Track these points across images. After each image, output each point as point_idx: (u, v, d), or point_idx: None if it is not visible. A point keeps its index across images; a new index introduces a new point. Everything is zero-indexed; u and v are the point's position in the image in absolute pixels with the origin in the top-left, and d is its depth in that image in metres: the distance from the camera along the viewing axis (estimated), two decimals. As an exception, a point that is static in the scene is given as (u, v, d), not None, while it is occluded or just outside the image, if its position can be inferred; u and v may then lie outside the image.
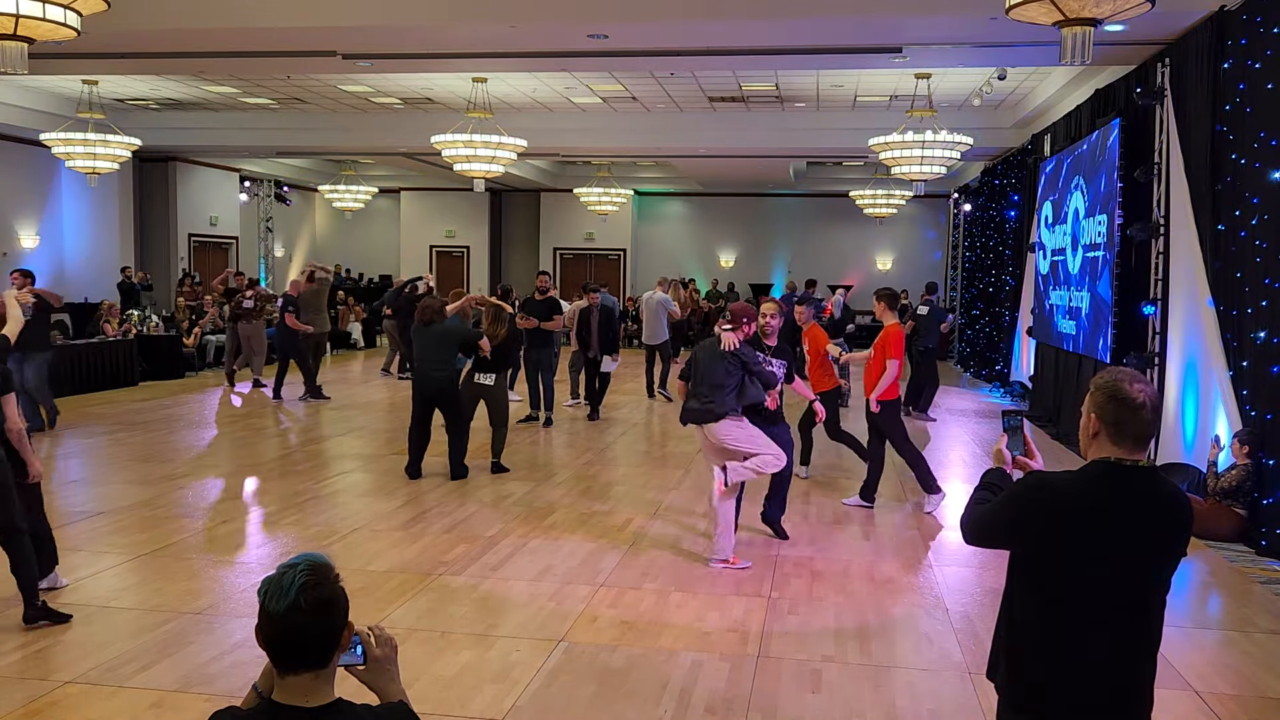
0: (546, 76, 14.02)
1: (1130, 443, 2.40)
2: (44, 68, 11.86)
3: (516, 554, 6.65)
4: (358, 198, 24.59)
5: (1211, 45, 8.08)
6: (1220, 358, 7.84)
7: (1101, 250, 10.62)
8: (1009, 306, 16.06)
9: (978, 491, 2.66)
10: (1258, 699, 4.67)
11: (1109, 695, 2.40)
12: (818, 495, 8.50)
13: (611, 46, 10.20)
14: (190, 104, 17.04)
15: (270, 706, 1.99)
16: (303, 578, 1.95)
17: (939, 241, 25.46)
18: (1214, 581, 6.53)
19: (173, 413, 12.56)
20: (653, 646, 5.09)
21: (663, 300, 14.27)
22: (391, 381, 16.24)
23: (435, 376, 8.71)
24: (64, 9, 6.28)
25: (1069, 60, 6.13)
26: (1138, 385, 2.41)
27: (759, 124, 16.87)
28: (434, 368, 8.70)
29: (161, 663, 4.76)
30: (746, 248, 26.62)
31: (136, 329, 15.56)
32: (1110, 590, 2.37)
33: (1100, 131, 10.81)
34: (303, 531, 7.15)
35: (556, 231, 26.67)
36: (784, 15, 8.91)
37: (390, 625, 5.13)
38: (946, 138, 12.83)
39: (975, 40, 9.71)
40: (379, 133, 17.90)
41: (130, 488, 8.34)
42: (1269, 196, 7.10)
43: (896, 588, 6.17)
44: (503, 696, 4.46)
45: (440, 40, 10.28)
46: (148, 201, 21.05)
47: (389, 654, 2.17)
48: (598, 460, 10.08)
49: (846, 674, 4.81)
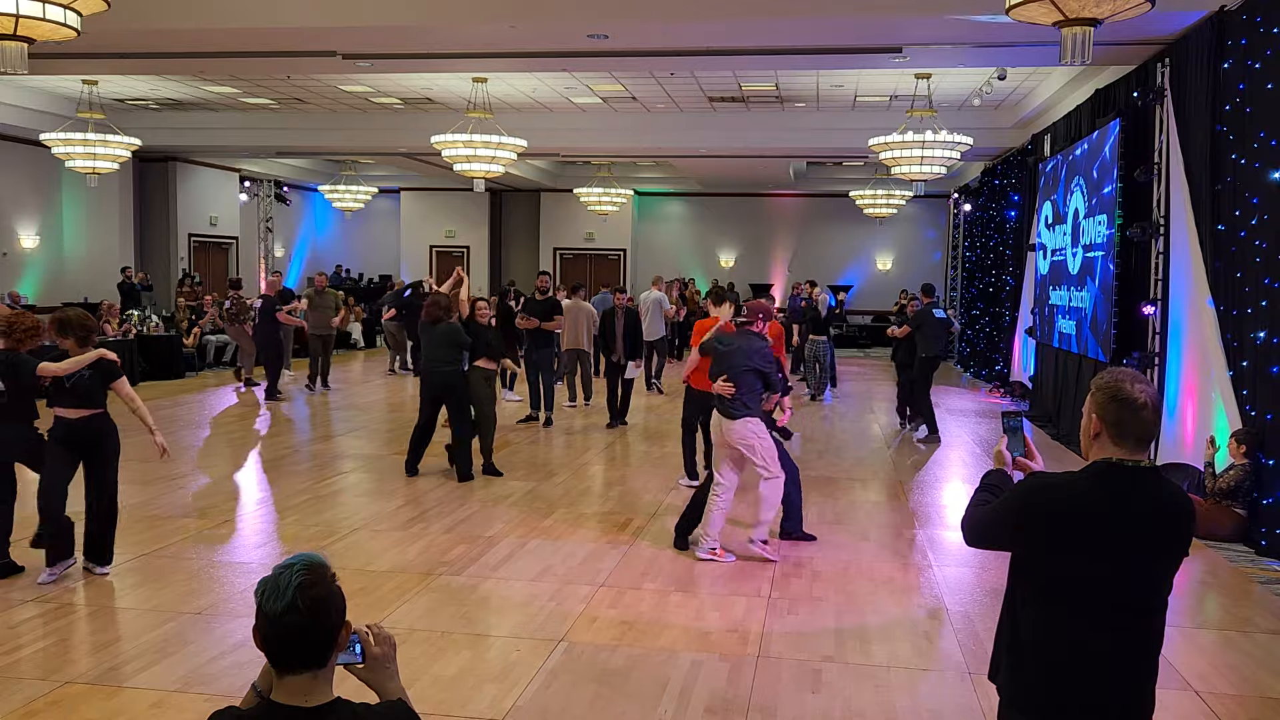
0: (546, 76, 14.02)
1: (1132, 443, 2.40)
2: (44, 68, 11.85)
3: (516, 554, 6.65)
4: (358, 198, 24.59)
5: (1211, 45, 8.07)
6: (1220, 358, 7.84)
7: (1101, 250, 10.62)
8: (1009, 306, 16.06)
9: (978, 493, 2.66)
10: (1258, 699, 4.67)
11: (1111, 696, 2.40)
12: (818, 495, 8.49)
13: (611, 46, 10.20)
14: (190, 104, 17.04)
15: (269, 706, 1.99)
16: (299, 578, 1.96)
17: (939, 241, 25.45)
18: (1214, 581, 6.52)
19: (173, 413, 12.56)
20: (653, 646, 5.09)
21: (659, 299, 14.99)
22: (391, 381, 16.25)
23: (443, 372, 8.74)
24: (64, 9, 6.28)
25: (1069, 60, 6.13)
26: (1139, 385, 2.41)
27: (759, 124, 16.86)
28: (440, 364, 8.73)
29: (161, 663, 4.76)
30: (746, 248, 26.62)
31: (136, 329, 15.57)
32: (1112, 591, 2.37)
33: (1100, 131, 10.81)
34: (303, 531, 7.15)
35: (556, 231, 26.67)
36: (784, 15, 8.90)
37: (390, 625, 5.13)
38: (946, 138, 12.82)
39: (975, 40, 9.71)
40: (379, 133, 17.90)
41: (130, 488, 8.30)
42: (1269, 196, 7.10)
43: (896, 588, 6.17)
44: (503, 696, 4.46)
45: (440, 40, 10.27)
46: (148, 201, 21.04)
47: (387, 652, 2.17)
48: (597, 460, 10.08)
49: (846, 674, 4.81)
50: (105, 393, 5.89)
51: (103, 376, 5.84)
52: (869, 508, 8.22)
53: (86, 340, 5.86)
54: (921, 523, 7.75)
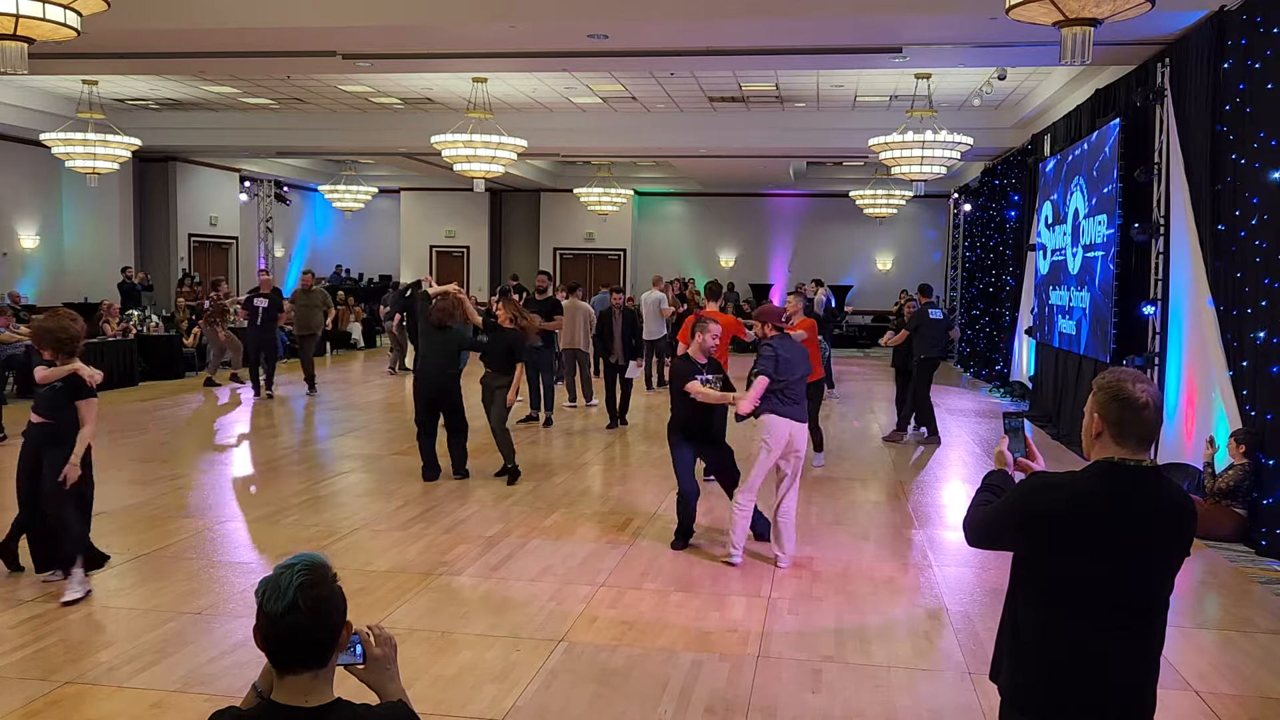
0: (546, 76, 14.02)
1: (1133, 443, 2.40)
2: (44, 68, 11.85)
3: (516, 554, 6.65)
4: (358, 198, 24.59)
5: (1211, 45, 8.07)
6: (1220, 358, 7.84)
7: (1101, 250, 10.62)
8: (1009, 306, 16.06)
9: (979, 494, 2.66)
10: (1258, 699, 4.67)
11: (1111, 696, 2.40)
12: (818, 495, 8.49)
13: (611, 46, 10.20)
14: (190, 104, 17.04)
15: (270, 706, 1.99)
16: (300, 577, 1.96)
17: (939, 241, 25.46)
18: (1214, 581, 6.52)
19: (173, 413, 12.56)
20: (653, 646, 5.09)
21: (659, 299, 15.11)
22: (391, 382, 16.24)
23: (442, 376, 8.64)
24: (64, 9, 6.27)
25: (1069, 60, 6.13)
26: (1140, 385, 2.41)
27: (759, 124, 16.87)
28: (438, 370, 8.69)
29: (161, 663, 4.76)
30: (746, 248, 26.62)
31: (136, 329, 15.57)
32: (1113, 591, 2.37)
33: (1100, 131, 10.81)
34: (303, 531, 7.15)
35: (556, 231, 26.67)
36: (784, 15, 8.90)
37: (390, 625, 5.13)
38: (946, 138, 12.82)
39: (975, 40, 9.71)
40: (379, 133, 17.90)
41: (130, 488, 8.33)
42: (1269, 196, 7.10)
43: (896, 588, 6.17)
44: (503, 696, 4.46)
45: (440, 40, 10.27)
46: (148, 201, 21.05)
47: (388, 653, 2.17)
48: (597, 460, 10.08)
49: (846, 674, 4.81)
50: (73, 406, 5.68)
51: (69, 391, 5.67)
52: (869, 508, 8.22)
53: (61, 349, 5.67)
54: (921, 523, 7.75)
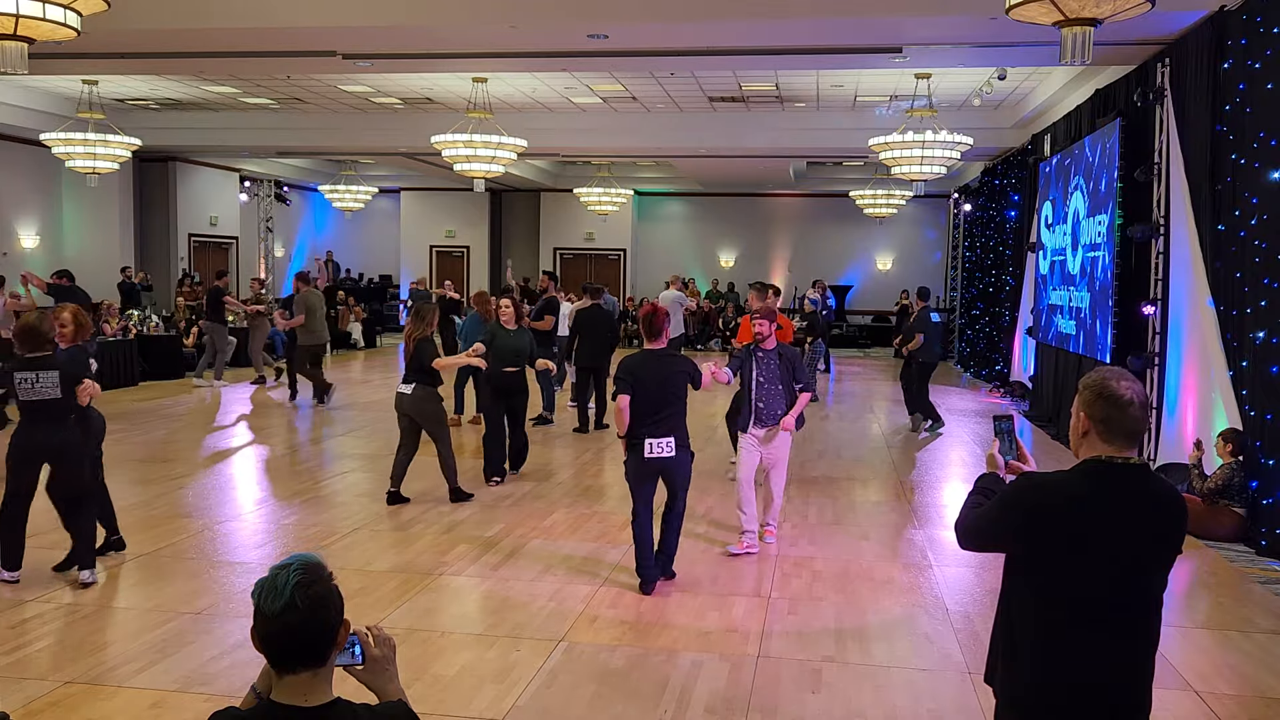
0: (546, 76, 14.02)
1: (1121, 440, 2.40)
2: (44, 68, 11.85)
3: (516, 554, 6.65)
4: (358, 198, 24.59)
5: (1211, 45, 8.07)
6: (1220, 358, 7.84)
7: (1101, 250, 10.62)
8: (1009, 306, 16.06)
9: (971, 496, 2.67)
10: (1258, 699, 4.67)
11: (1107, 695, 2.40)
12: (818, 495, 8.49)
13: (611, 46, 10.20)
14: (190, 104, 17.04)
15: (269, 707, 1.99)
16: (296, 576, 1.96)
17: (939, 241, 25.46)
18: (1214, 581, 6.52)
19: (172, 413, 12.56)
20: (653, 646, 5.09)
21: (678, 298, 15.01)
22: (391, 382, 16.25)
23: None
24: (64, 9, 6.28)
25: (1069, 60, 6.13)
26: (1125, 383, 2.42)
27: (759, 124, 16.87)
28: (518, 371, 8.81)
29: (161, 663, 4.76)
30: (746, 248, 26.62)
31: (136, 329, 15.57)
32: (1106, 588, 2.37)
33: (1100, 131, 10.81)
34: (303, 531, 7.15)
35: (556, 231, 26.67)
36: (784, 15, 8.90)
37: (390, 625, 5.14)
38: (946, 138, 12.83)
39: (975, 40, 9.71)
40: (379, 133, 17.90)
41: (130, 488, 8.33)
42: (1269, 196, 7.10)
43: (896, 588, 6.17)
44: (503, 696, 4.46)
45: (440, 40, 10.28)
46: (148, 201, 21.05)
47: (387, 653, 2.17)
48: (597, 460, 10.08)
49: (846, 674, 4.81)
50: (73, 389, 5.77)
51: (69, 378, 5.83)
52: (869, 508, 8.22)
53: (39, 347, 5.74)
54: (922, 523, 7.75)
